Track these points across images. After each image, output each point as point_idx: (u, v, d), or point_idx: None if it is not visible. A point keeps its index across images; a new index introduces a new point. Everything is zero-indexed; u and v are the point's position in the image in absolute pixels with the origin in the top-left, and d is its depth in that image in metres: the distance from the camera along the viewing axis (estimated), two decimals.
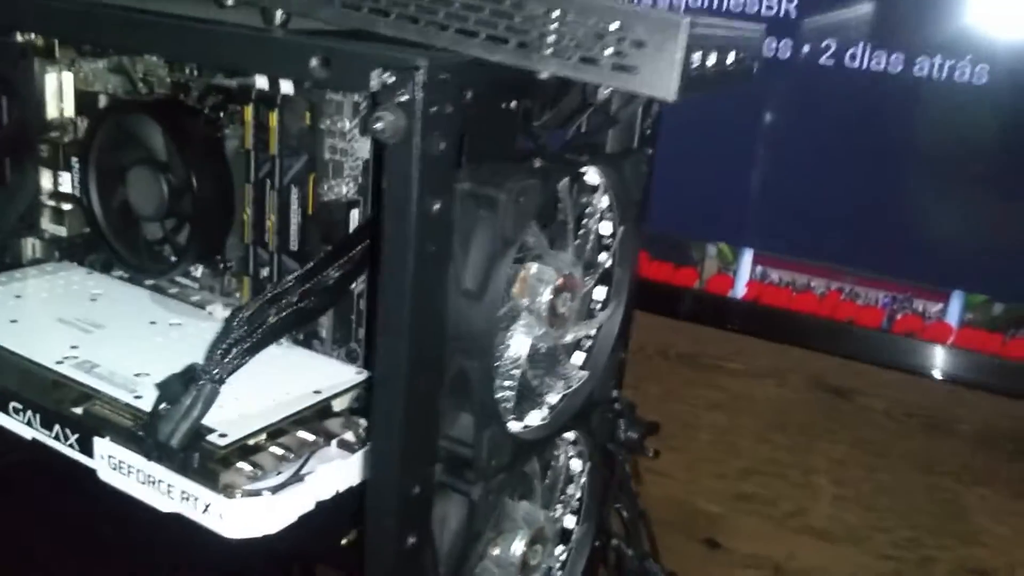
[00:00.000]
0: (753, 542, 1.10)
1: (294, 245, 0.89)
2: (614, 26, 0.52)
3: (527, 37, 0.54)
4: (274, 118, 0.85)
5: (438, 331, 0.58)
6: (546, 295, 0.65)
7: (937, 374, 1.02)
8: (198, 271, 0.97)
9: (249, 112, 0.86)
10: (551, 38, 0.53)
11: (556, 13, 0.53)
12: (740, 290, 1.07)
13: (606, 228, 0.73)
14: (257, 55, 0.60)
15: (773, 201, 1.10)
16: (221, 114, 0.89)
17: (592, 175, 0.70)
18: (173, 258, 0.93)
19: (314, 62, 0.55)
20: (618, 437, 0.78)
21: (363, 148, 0.87)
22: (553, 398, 0.72)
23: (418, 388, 0.58)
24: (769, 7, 1.02)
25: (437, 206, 0.55)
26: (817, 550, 1.07)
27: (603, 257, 0.74)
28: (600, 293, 0.76)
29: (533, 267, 0.65)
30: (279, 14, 0.59)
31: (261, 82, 0.84)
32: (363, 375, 0.85)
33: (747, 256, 1.07)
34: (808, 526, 1.08)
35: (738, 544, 1.11)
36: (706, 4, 1.07)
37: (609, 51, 0.52)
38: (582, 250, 0.70)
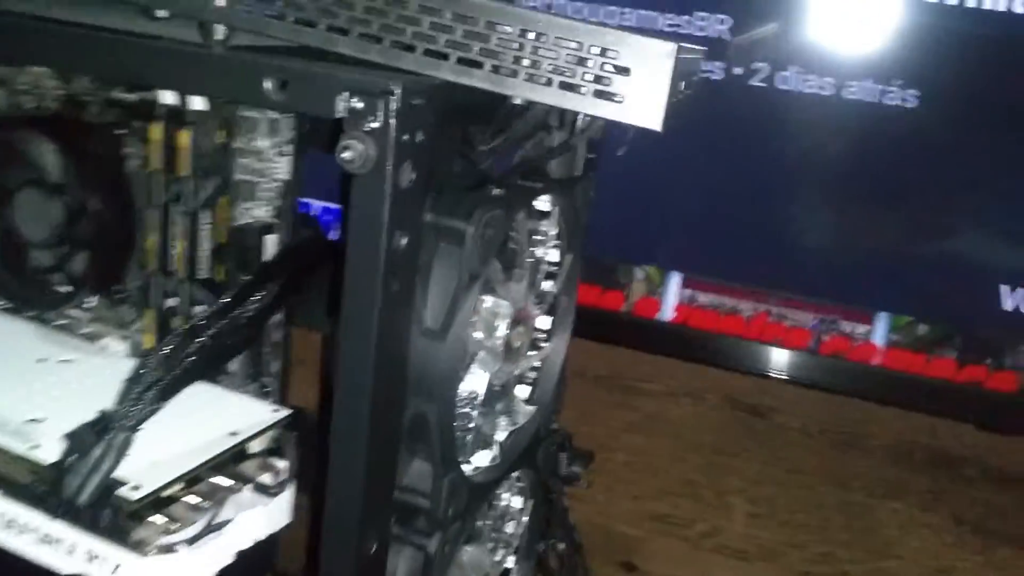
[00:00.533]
0: (669, 564, 1.10)
1: (204, 273, 0.82)
2: (596, 51, 0.49)
3: (502, 60, 0.50)
4: (185, 137, 0.78)
5: (400, 375, 0.54)
6: (502, 329, 0.62)
7: (860, 393, 1.03)
8: (90, 301, 0.89)
9: (157, 130, 0.79)
10: (528, 62, 0.50)
11: (533, 35, 0.50)
12: (668, 313, 1.06)
13: (552, 255, 0.70)
14: (202, 75, 0.54)
15: (700, 223, 1.09)
16: (123, 131, 0.82)
17: (542, 201, 0.67)
18: (65, 288, 0.85)
19: (268, 84, 0.50)
20: (560, 471, 0.75)
21: (280, 168, 0.82)
22: (501, 435, 0.68)
23: (380, 439, 0.53)
24: (700, 28, 1.02)
25: (405, 241, 0.51)
26: (732, 570, 1.07)
27: (548, 285, 0.71)
28: (543, 322, 0.73)
29: (488, 300, 0.62)
30: (220, 29, 0.54)
31: (168, 97, 0.78)
32: (281, 413, 0.79)
33: (675, 280, 1.06)
34: (723, 545, 1.09)
35: (654, 567, 1.10)
36: (636, 23, 1.06)
37: (591, 77, 0.50)
38: (533, 279, 0.67)
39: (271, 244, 0.83)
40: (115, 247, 0.83)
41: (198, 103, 0.76)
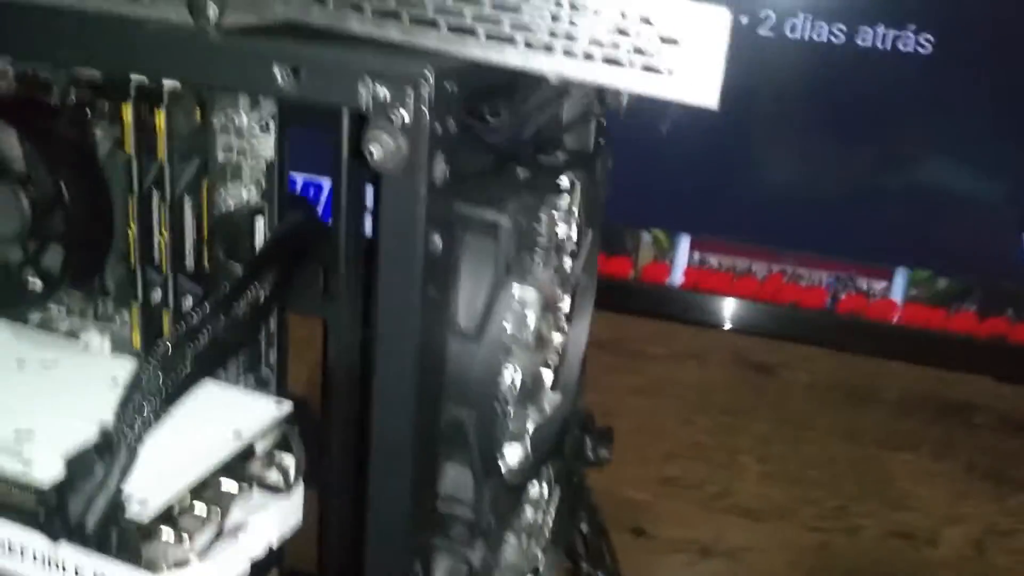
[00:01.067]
0: (679, 527, 1.08)
1: (191, 263, 0.77)
2: (640, 19, 0.44)
3: (537, 35, 0.45)
4: (161, 117, 0.72)
5: (439, 383, 0.50)
6: (533, 320, 0.58)
7: (880, 351, 1.01)
8: (67, 295, 0.83)
9: (128, 111, 0.73)
10: (564, 35, 0.45)
11: (568, 4, 0.45)
12: (678, 278, 1.02)
13: (573, 232, 0.66)
14: (201, 63, 0.48)
15: (709, 182, 1.05)
16: (88, 112, 0.75)
17: (563, 177, 0.62)
18: (40, 285, 0.79)
19: (279, 72, 0.45)
20: (587, 456, 0.72)
21: (265, 146, 0.77)
22: (530, 426, 0.65)
23: (423, 454, 0.49)
24: None
25: (440, 241, 0.46)
26: (744, 529, 1.06)
27: (568, 264, 0.66)
28: (565, 303, 0.69)
29: (516, 289, 0.57)
30: (212, 8, 0.48)
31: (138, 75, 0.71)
32: (284, 407, 0.75)
33: (684, 242, 1.02)
34: (735, 505, 1.07)
35: (664, 530, 1.08)
36: None
37: (635, 49, 0.45)
38: (556, 261, 0.63)
39: (260, 228, 0.78)
40: (91, 239, 0.78)
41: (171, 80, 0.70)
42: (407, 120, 0.42)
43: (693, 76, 0.45)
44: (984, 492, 1.02)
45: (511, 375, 0.56)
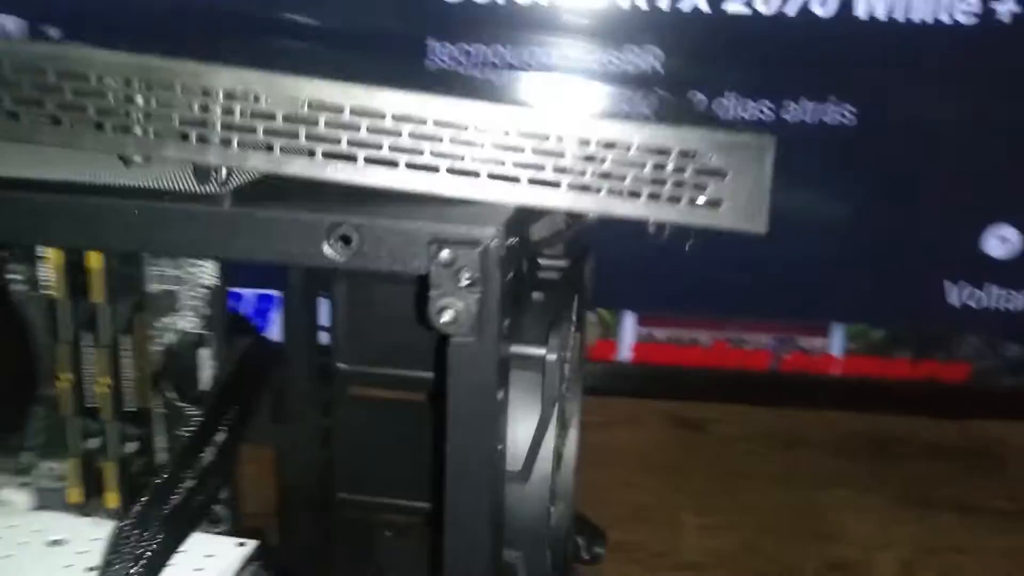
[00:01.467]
0: None
1: (131, 405, 0.71)
2: (681, 153, 0.44)
3: (582, 178, 0.44)
4: (97, 258, 0.66)
5: (501, 534, 0.47)
6: (553, 439, 0.56)
7: (821, 404, 1.05)
8: None
9: (57, 252, 0.66)
10: (606, 174, 0.44)
11: (611, 145, 0.44)
12: (625, 353, 1.02)
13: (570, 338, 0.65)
14: (228, 237, 0.43)
15: (645, 259, 1.06)
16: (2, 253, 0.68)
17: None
18: None
19: (327, 242, 0.41)
20: (583, 556, 0.71)
21: (204, 272, 0.72)
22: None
23: None
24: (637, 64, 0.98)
25: (501, 393, 0.44)
26: None
27: (567, 369, 0.65)
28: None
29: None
30: (223, 170, 0.43)
31: None
32: (247, 546, 0.70)
33: (629, 319, 1.02)
34: (679, 562, 1.07)
35: None
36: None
37: (679, 184, 0.44)
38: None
39: (206, 359, 0.72)
40: (11, 392, 0.70)
41: None
42: (473, 282, 0.40)
43: (741, 205, 0.44)
44: (913, 517, 1.08)
45: (555, 510, 0.54)
